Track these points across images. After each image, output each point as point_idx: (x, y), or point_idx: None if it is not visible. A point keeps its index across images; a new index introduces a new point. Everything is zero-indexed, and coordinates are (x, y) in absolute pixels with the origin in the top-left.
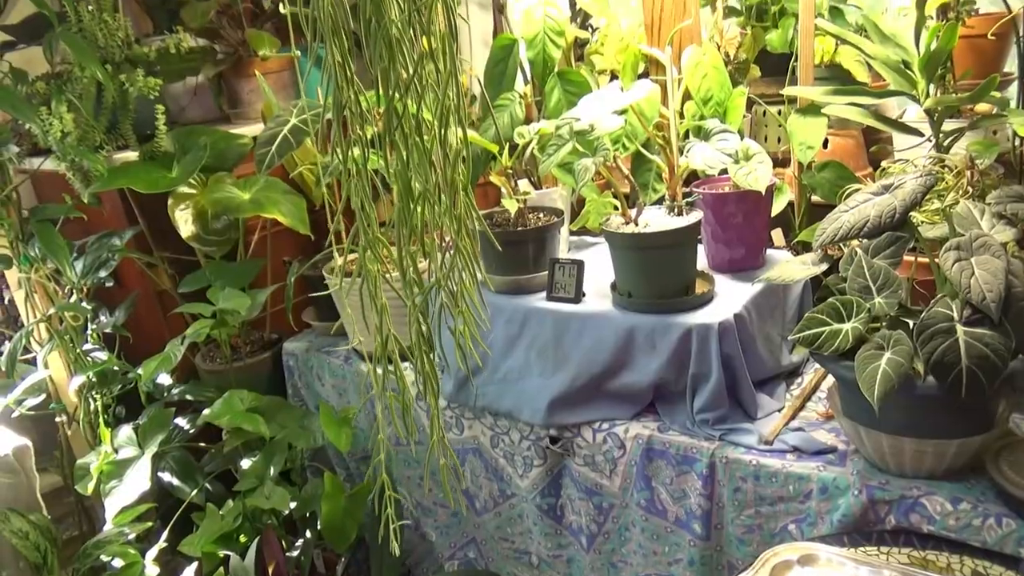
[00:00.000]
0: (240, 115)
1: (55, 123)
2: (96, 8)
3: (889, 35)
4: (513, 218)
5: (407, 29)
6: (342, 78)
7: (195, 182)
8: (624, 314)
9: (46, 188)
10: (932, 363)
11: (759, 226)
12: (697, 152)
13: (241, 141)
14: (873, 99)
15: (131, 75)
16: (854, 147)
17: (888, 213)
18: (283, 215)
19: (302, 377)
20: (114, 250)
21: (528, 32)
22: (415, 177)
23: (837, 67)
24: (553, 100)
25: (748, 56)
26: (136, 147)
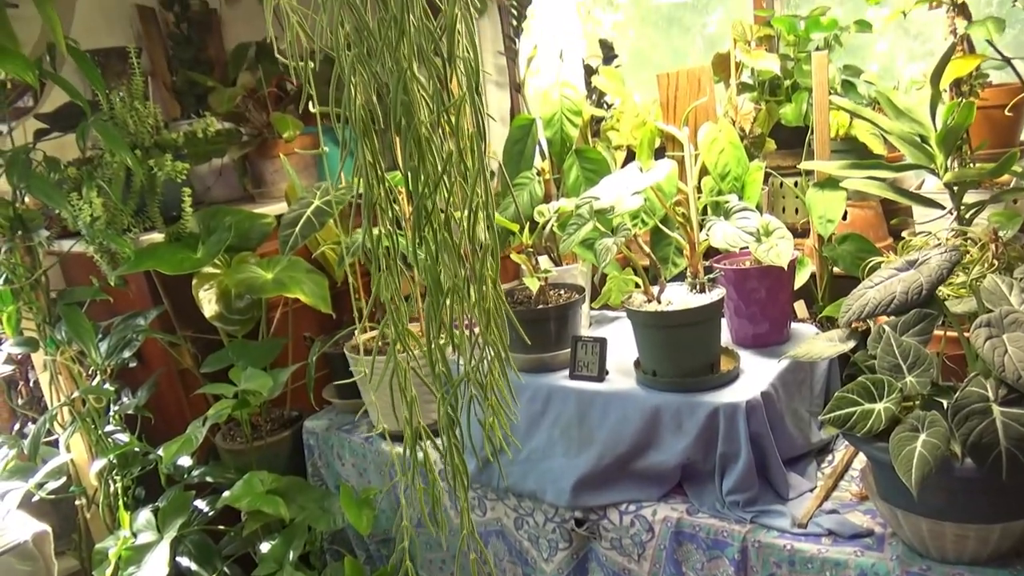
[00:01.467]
0: (264, 194)
1: (85, 208)
2: (128, 96)
3: (904, 110)
4: (535, 296)
5: (436, 129)
6: (372, 177)
7: (219, 262)
8: (649, 393)
9: (73, 268)
10: (969, 445)
11: (782, 301)
12: (718, 230)
13: (265, 221)
14: (891, 173)
15: (160, 160)
16: (873, 218)
17: (915, 290)
18: (305, 294)
19: (322, 456)
20: (138, 330)
21: (546, 112)
22: (444, 271)
23: (853, 140)
24: (572, 177)
25: (763, 130)
26: (162, 228)
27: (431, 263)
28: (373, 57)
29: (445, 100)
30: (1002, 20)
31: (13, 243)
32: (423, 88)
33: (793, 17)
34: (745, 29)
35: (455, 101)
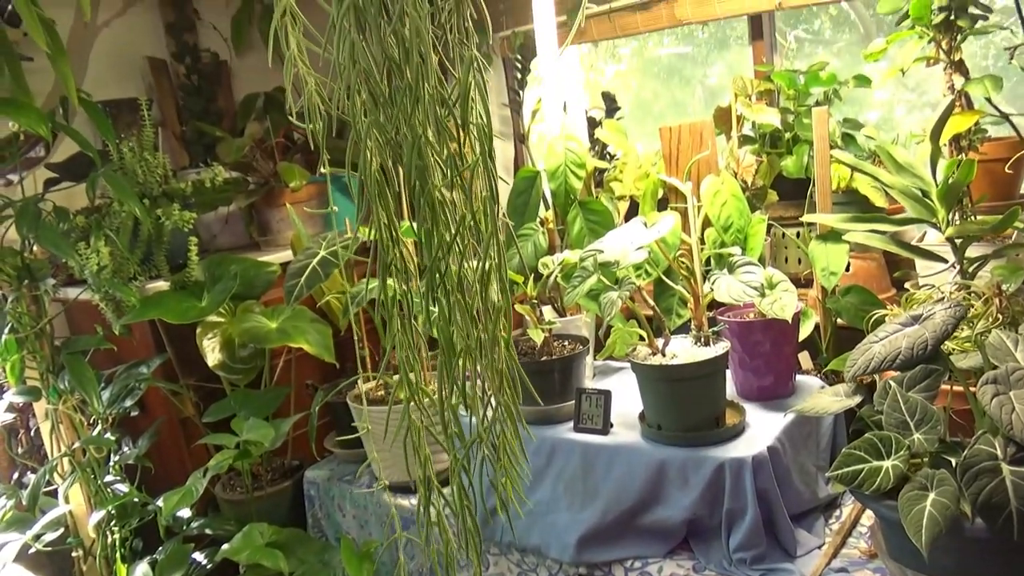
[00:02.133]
0: (269, 242)
1: (92, 258)
2: (138, 147)
3: (905, 165)
4: (539, 347)
5: (450, 193)
6: (388, 238)
7: (224, 311)
8: (654, 447)
9: (78, 315)
10: (979, 505)
11: (787, 353)
12: (723, 285)
13: (269, 269)
14: (893, 226)
15: (167, 209)
16: (876, 270)
17: (920, 345)
18: (309, 344)
19: (323, 507)
20: (141, 379)
21: (550, 164)
22: (457, 332)
23: (854, 192)
24: (575, 229)
25: (765, 182)
26: (168, 276)
27: (444, 324)
28: (389, 123)
29: (459, 164)
30: (999, 78)
31: (20, 292)
32: (437, 153)
33: (793, 72)
34: (746, 84)
35: (468, 165)
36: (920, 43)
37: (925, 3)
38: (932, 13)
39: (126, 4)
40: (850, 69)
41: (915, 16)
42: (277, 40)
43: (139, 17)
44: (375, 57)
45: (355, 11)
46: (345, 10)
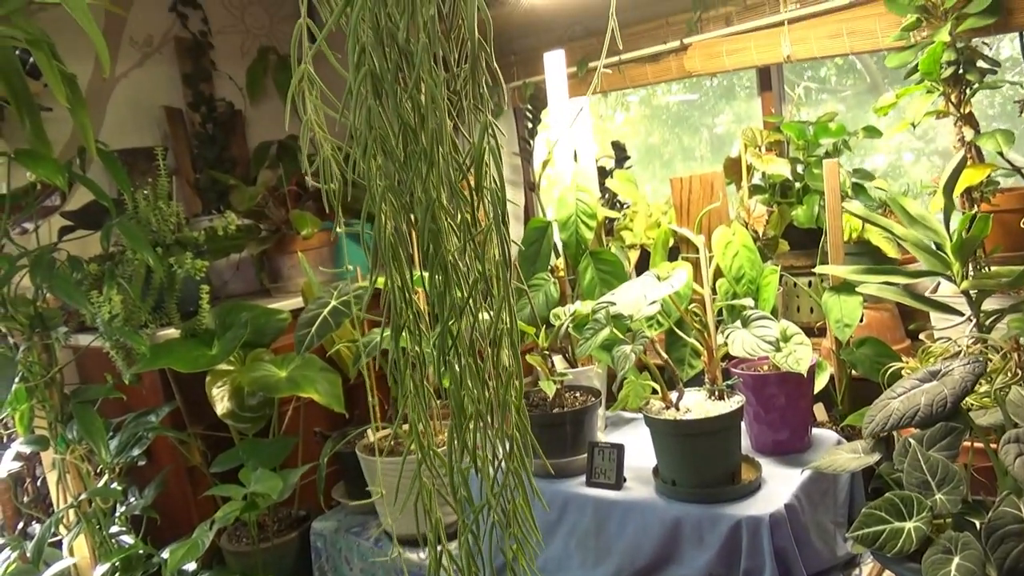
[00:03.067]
0: (280, 289)
1: (104, 307)
2: (152, 196)
3: (918, 218)
4: (550, 399)
5: (463, 256)
6: (401, 300)
7: (234, 358)
8: (668, 503)
9: (88, 362)
10: (1006, 570)
11: (802, 407)
12: (737, 339)
13: (280, 317)
14: (907, 279)
15: (180, 257)
16: (890, 320)
17: (939, 402)
18: (319, 394)
19: (330, 560)
20: (149, 428)
21: (562, 214)
22: (468, 396)
23: (866, 243)
24: (587, 279)
25: (776, 232)
26: (179, 324)
27: (455, 388)
28: (403, 187)
29: (472, 229)
30: (1011, 132)
31: (32, 342)
32: (451, 217)
33: (802, 123)
34: (755, 134)
35: (482, 230)
36: (930, 97)
37: (934, 58)
38: (941, 67)
39: (144, 55)
40: (857, 116)
41: (924, 71)
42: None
43: (157, 68)
44: (391, 122)
45: (372, 78)
46: (362, 77)
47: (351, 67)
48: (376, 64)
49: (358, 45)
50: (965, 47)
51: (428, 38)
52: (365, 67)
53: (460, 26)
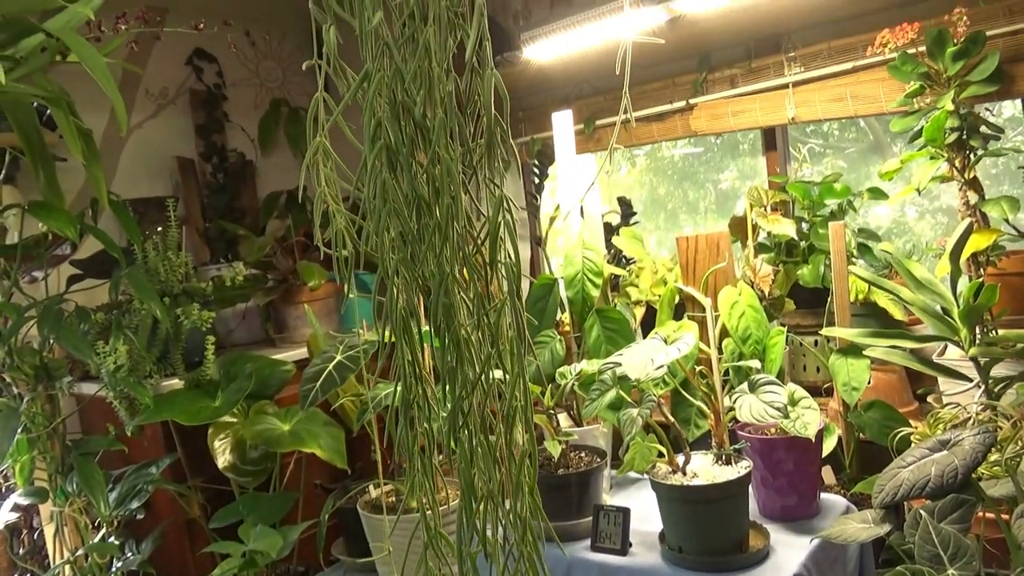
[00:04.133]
0: (285, 339)
1: (109, 358)
2: (162, 246)
3: (924, 282)
4: (555, 459)
5: (475, 331)
6: (411, 375)
7: (237, 410)
8: (675, 570)
9: (90, 411)
10: None
11: (811, 472)
12: (744, 404)
13: (284, 368)
14: (914, 343)
15: (187, 308)
16: (897, 382)
17: (950, 473)
18: (321, 449)
19: None
20: (149, 480)
21: (568, 272)
22: (479, 475)
23: (872, 305)
24: (593, 336)
25: (781, 292)
26: (183, 374)
27: (465, 467)
28: (417, 261)
29: (485, 304)
30: (1016, 200)
31: (36, 392)
32: (464, 291)
33: (807, 183)
34: (761, 194)
35: (495, 304)
36: (935, 164)
37: (938, 126)
38: (945, 133)
39: (159, 107)
40: (860, 173)
41: (929, 139)
42: (299, 145)
43: (171, 119)
44: (406, 196)
45: (387, 151)
46: (378, 150)
47: (367, 140)
48: (392, 138)
49: (374, 119)
50: (968, 113)
51: (445, 114)
52: (381, 141)
53: (476, 101)
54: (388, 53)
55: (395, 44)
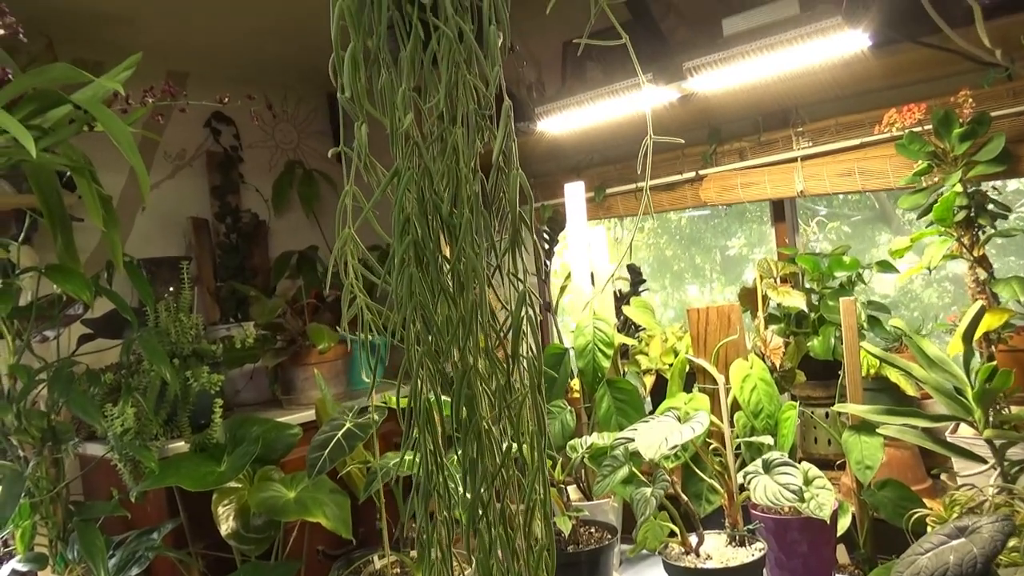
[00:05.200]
0: (292, 401)
1: (117, 421)
2: (174, 308)
3: (936, 361)
4: (565, 536)
5: (497, 424)
6: (432, 464)
7: (242, 476)
8: None
9: (94, 471)
10: None
11: (826, 553)
12: (759, 486)
13: (291, 432)
14: (928, 422)
15: (197, 371)
16: (910, 459)
17: (969, 562)
18: (327, 518)
19: None
20: (151, 547)
21: (579, 343)
22: (496, 566)
23: (884, 379)
24: (603, 408)
25: (792, 364)
26: (189, 437)
27: (484, 558)
28: (440, 353)
29: (507, 396)
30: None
31: (42, 456)
32: (485, 383)
33: (816, 256)
34: (771, 266)
35: (517, 397)
36: (945, 244)
37: (947, 207)
38: (953, 212)
39: (176, 168)
40: (866, 240)
41: (937, 218)
42: (311, 205)
43: (187, 180)
44: (432, 290)
45: (415, 247)
46: (406, 246)
47: (395, 234)
48: (419, 233)
49: (403, 214)
50: (976, 191)
51: (471, 212)
52: (409, 236)
53: (502, 199)
54: (417, 152)
55: (424, 143)
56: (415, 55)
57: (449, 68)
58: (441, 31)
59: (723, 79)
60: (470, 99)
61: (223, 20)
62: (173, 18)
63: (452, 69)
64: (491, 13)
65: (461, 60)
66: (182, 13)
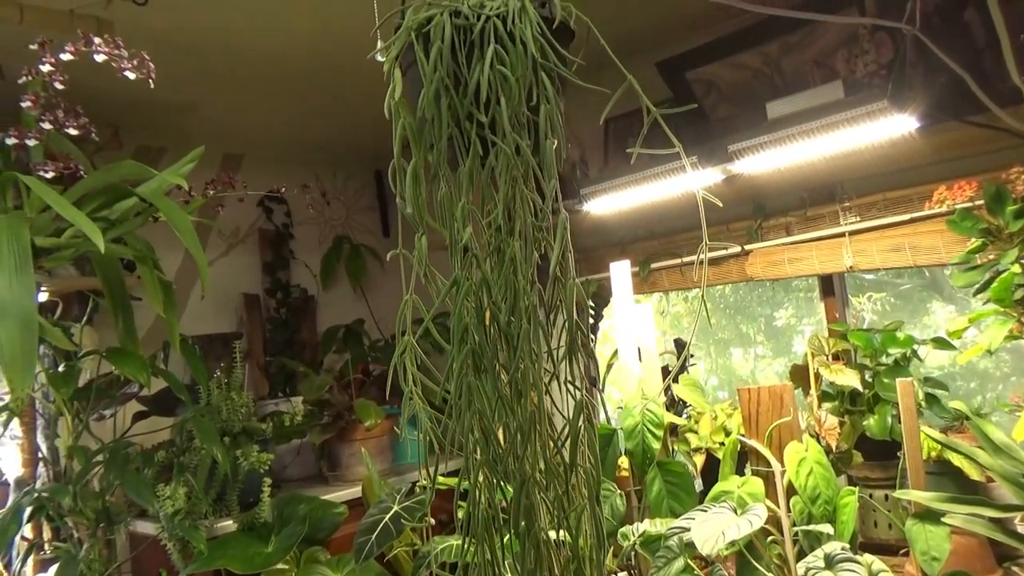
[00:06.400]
0: (338, 477)
1: (168, 502)
2: (226, 386)
3: (1002, 446)
4: None
5: (555, 531)
6: (491, 573)
7: (289, 556)
8: None
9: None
10: None
11: None
12: None
13: (337, 511)
14: (996, 512)
15: (247, 450)
16: (979, 547)
17: None
18: None
19: None
20: None
21: (628, 423)
22: None
23: (946, 463)
24: (654, 491)
25: (848, 445)
26: (237, 516)
27: None
28: (499, 462)
29: (566, 506)
30: None
31: (95, 538)
32: (544, 492)
33: (868, 332)
34: (822, 343)
35: (575, 507)
36: (1006, 325)
37: (1005, 287)
38: (1012, 291)
39: (230, 246)
40: (916, 309)
41: (995, 298)
42: (358, 280)
43: (240, 257)
44: (489, 398)
45: (473, 355)
46: (464, 355)
47: (454, 343)
48: (477, 342)
49: (461, 324)
50: None
51: (529, 323)
52: (467, 345)
53: (559, 306)
54: (476, 263)
55: (482, 255)
56: (474, 170)
57: (507, 182)
58: (499, 147)
59: (768, 161)
60: (527, 212)
61: (276, 105)
62: (229, 105)
63: (510, 183)
64: (547, 128)
65: (519, 174)
66: (238, 100)
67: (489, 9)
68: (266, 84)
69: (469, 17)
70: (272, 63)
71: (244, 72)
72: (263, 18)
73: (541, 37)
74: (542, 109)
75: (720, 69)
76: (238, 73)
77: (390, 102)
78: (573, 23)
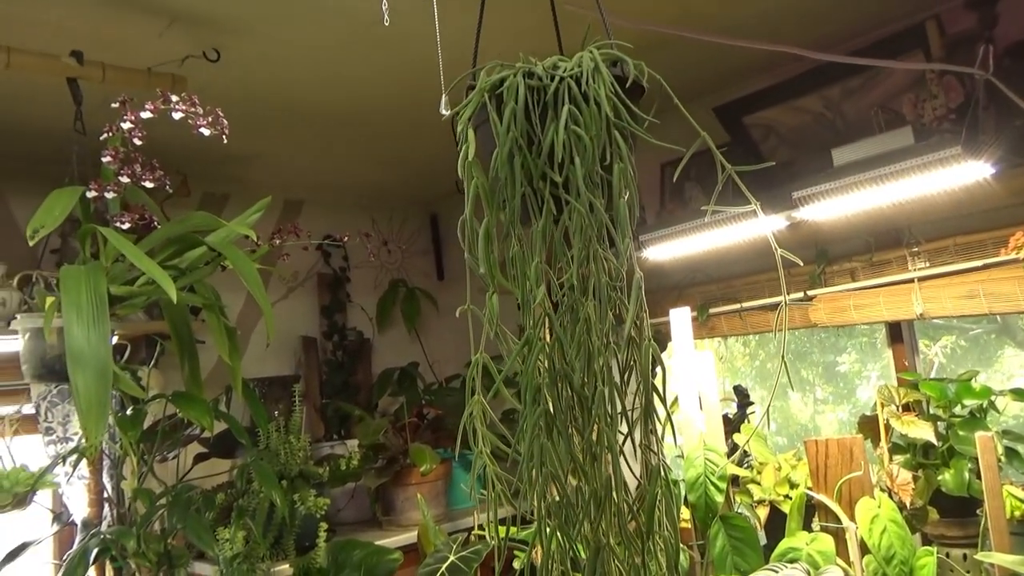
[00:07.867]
0: (392, 522)
1: (227, 546)
2: (284, 430)
3: None
4: None
5: None
6: None
7: None
8: None
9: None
10: None
11: None
12: None
13: (392, 557)
14: None
15: (304, 493)
16: None
17: None
18: None
19: None
20: None
21: (690, 475)
22: None
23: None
24: (718, 547)
25: (923, 501)
26: (293, 560)
27: None
28: (572, 528)
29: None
30: None
31: None
32: (620, 561)
33: (942, 382)
34: (892, 393)
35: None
36: None
37: None
38: None
39: (289, 289)
40: (986, 357)
41: None
42: (413, 323)
43: (299, 300)
44: (562, 460)
45: (546, 416)
46: (537, 416)
47: (526, 404)
48: (550, 403)
49: (533, 384)
50: None
51: (604, 385)
52: (540, 406)
53: (633, 367)
54: (549, 323)
55: (556, 315)
56: (547, 229)
57: (581, 241)
58: (572, 205)
59: (835, 208)
60: (600, 270)
61: (334, 153)
62: (291, 153)
63: (584, 242)
64: (620, 186)
65: (592, 234)
66: (298, 149)
67: (563, 70)
68: (325, 132)
69: (543, 78)
70: (331, 112)
71: (305, 122)
72: (323, 69)
73: (615, 96)
74: (615, 168)
75: (779, 113)
76: (299, 123)
77: (463, 162)
78: (645, 81)
